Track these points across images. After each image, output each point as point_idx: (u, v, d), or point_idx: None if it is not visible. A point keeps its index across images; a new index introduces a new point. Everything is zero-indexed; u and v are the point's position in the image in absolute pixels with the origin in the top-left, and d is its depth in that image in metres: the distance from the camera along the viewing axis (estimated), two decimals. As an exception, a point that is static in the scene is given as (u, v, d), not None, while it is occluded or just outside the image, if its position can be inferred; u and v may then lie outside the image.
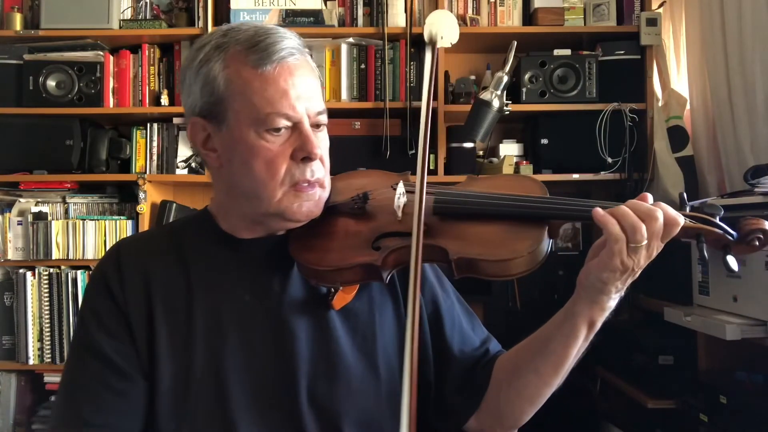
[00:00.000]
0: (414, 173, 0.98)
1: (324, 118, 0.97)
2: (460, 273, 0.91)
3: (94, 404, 0.93)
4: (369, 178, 1.08)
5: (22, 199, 2.65)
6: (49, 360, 2.54)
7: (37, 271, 2.56)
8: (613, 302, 0.90)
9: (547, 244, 0.92)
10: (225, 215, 1.02)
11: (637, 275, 0.87)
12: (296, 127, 0.93)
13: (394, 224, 0.96)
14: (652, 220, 0.83)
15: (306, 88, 0.94)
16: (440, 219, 0.95)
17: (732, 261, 0.87)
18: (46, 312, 2.54)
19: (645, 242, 0.83)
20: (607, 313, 0.91)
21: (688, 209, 0.90)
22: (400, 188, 0.99)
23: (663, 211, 0.85)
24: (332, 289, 0.98)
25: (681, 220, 0.85)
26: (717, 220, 0.89)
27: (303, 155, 0.93)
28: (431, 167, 2.60)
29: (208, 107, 0.94)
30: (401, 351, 1.01)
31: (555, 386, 0.99)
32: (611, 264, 0.84)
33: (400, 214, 0.97)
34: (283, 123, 0.92)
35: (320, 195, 0.97)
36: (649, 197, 0.88)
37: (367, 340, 1.00)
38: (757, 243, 0.87)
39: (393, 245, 0.93)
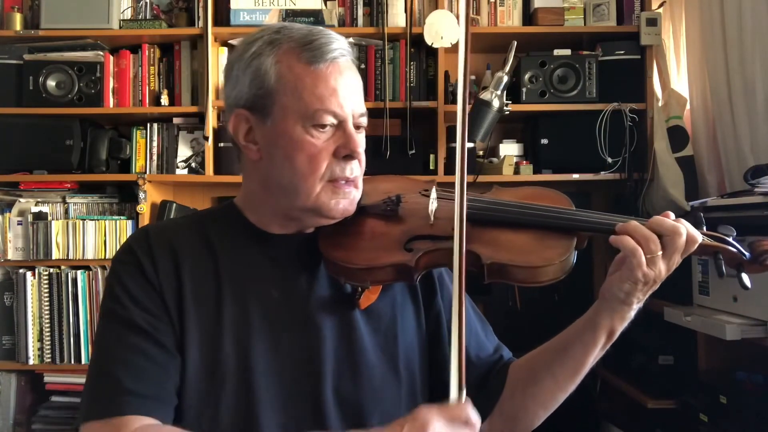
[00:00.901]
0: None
1: (365, 120, 1.00)
2: (491, 278, 0.94)
3: (134, 374, 0.90)
4: (395, 182, 1.12)
5: (22, 199, 2.65)
6: (49, 360, 2.54)
7: (37, 271, 2.56)
8: (633, 312, 0.95)
9: (574, 255, 0.96)
10: (255, 209, 1.03)
11: (657, 287, 0.92)
12: (341, 125, 0.96)
13: (425, 227, 0.99)
14: (676, 235, 0.89)
15: (353, 89, 0.97)
16: (472, 225, 0.98)
17: (746, 278, 0.94)
18: (46, 312, 2.54)
19: (660, 252, 0.88)
20: (626, 323, 0.96)
21: (704, 228, 0.96)
22: (434, 193, 1.03)
23: (686, 228, 0.90)
24: (360, 289, 1.00)
25: (699, 237, 0.91)
26: (731, 240, 0.95)
27: (345, 153, 0.95)
28: (431, 167, 2.60)
29: (254, 99, 0.96)
30: (421, 352, 1.06)
31: (569, 391, 1.02)
32: (633, 276, 0.89)
33: (432, 218, 1.00)
34: (330, 120, 0.94)
35: (354, 194, 0.99)
36: (671, 214, 0.93)
37: (389, 341, 1.02)
38: None
39: (425, 247, 0.96)
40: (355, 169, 0.98)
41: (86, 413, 0.90)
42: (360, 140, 0.98)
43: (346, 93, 0.95)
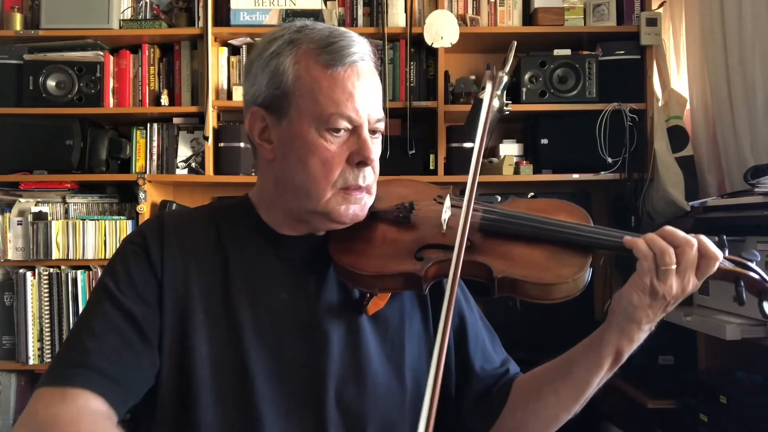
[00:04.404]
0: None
1: (382, 126, 0.99)
2: (501, 292, 0.92)
3: (105, 352, 0.88)
4: (409, 188, 1.10)
5: (22, 199, 2.66)
6: (49, 360, 2.54)
7: (37, 271, 2.56)
8: (642, 335, 0.91)
9: (589, 273, 0.92)
10: (267, 208, 1.02)
11: (670, 309, 0.89)
12: (356, 130, 0.94)
13: (437, 236, 0.97)
14: (687, 246, 0.86)
15: (371, 93, 0.95)
16: (485, 236, 0.96)
17: None
18: (46, 312, 2.54)
19: (674, 266, 0.85)
20: (635, 346, 0.92)
21: (726, 252, 0.91)
22: (448, 201, 1.00)
23: (699, 242, 0.87)
24: (368, 295, 0.98)
25: (720, 255, 0.87)
26: (754, 266, 0.91)
27: (359, 159, 0.94)
28: (431, 167, 2.60)
29: (271, 99, 0.95)
30: (427, 361, 1.02)
31: (573, 412, 0.99)
32: (641, 283, 0.87)
33: (445, 227, 0.97)
34: (345, 125, 0.93)
35: (366, 200, 0.98)
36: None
37: (395, 349, 1.01)
38: None
39: (436, 257, 0.94)
40: (368, 176, 0.97)
41: (43, 378, 0.88)
42: (374, 147, 0.96)
43: (363, 98, 0.94)
